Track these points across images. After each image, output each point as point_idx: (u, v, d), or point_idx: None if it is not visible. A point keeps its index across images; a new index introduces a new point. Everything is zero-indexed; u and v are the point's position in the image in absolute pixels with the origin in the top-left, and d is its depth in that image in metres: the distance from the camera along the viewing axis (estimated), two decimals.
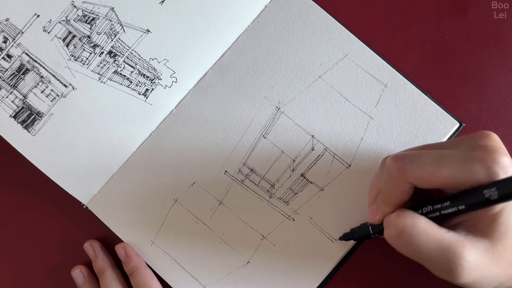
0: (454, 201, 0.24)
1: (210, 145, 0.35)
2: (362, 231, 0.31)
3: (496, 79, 0.34)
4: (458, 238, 0.24)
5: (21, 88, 0.36)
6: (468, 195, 0.23)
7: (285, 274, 0.34)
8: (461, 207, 0.23)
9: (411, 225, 0.24)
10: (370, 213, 0.29)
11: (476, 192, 0.23)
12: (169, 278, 0.35)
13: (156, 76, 0.36)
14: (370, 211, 0.29)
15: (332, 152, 0.34)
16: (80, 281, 0.36)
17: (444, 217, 0.25)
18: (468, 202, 0.23)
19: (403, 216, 0.24)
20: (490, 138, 0.24)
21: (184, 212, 0.35)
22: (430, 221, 0.24)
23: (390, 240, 0.25)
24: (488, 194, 0.22)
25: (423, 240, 0.24)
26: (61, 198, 0.36)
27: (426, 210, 0.25)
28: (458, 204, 0.24)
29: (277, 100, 0.35)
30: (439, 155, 0.23)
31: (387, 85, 0.34)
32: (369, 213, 0.29)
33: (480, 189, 0.22)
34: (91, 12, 0.36)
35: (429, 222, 0.24)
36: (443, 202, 0.24)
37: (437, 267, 0.24)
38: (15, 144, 0.35)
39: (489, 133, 0.24)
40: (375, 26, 0.35)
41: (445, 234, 0.24)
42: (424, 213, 0.25)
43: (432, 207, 0.25)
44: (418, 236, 0.24)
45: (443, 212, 0.24)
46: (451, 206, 0.24)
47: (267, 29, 0.35)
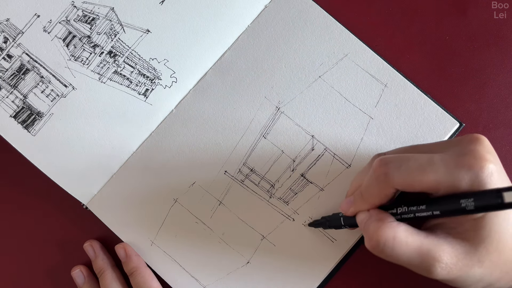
0: (430, 206, 0.24)
1: (210, 145, 0.35)
2: (333, 220, 0.31)
3: (496, 79, 0.34)
4: (437, 242, 0.24)
5: (21, 88, 0.36)
6: (445, 201, 0.23)
7: (285, 274, 0.34)
8: (436, 213, 0.24)
9: (392, 237, 0.24)
10: (345, 204, 0.29)
11: (453, 199, 0.23)
12: (169, 278, 0.35)
13: (156, 76, 0.36)
14: (346, 202, 0.29)
15: (332, 152, 0.34)
16: (80, 281, 0.36)
17: (421, 218, 0.25)
18: (444, 209, 0.23)
19: (383, 228, 0.24)
20: (480, 142, 0.24)
21: (184, 212, 0.35)
22: (409, 228, 0.24)
23: (372, 250, 0.25)
24: (464, 204, 0.22)
25: (403, 250, 0.24)
26: (61, 198, 0.36)
27: (401, 211, 0.25)
28: (433, 209, 0.24)
29: (277, 100, 0.35)
30: (427, 160, 0.23)
31: (387, 85, 0.34)
32: (344, 204, 0.29)
33: (457, 197, 0.22)
34: (91, 12, 0.36)
35: (408, 229, 0.24)
36: (419, 205, 0.24)
37: (417, 269, 0.25)
38: (15, 144, 0.35)
39: (478, 137, 0.24)
40: (375, 26, 0.35)
41: (424, 240, 0.24)
42: (399, 213, 0.25)
43: (407, 208, 0.25)
44: (399, 248, 0.24)
45: (417, 214, 0.24)
46: (426, 210, 0.24)
47: (267, 29, 0.35)
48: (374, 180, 0.25)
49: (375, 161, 0.26)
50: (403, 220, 0.25)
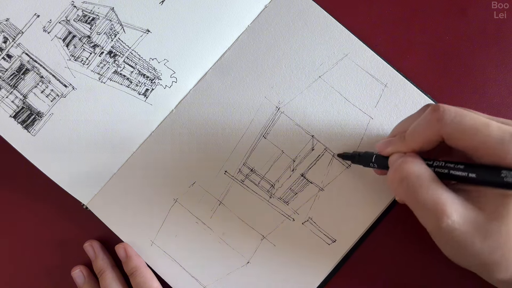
0: (469, 168, 0.23)
1: (210, 145, 0.35)
2: (364, 157, 0.31)
3: (496, 79, 0.34)
4: (453, 200, 0.24)
5: (21, 88, 0.36)
6: (485, 168, 0.23)
7: (285, 274, 0.34)
8: (471, 175, 0.23)
9: (416, 175, 0.24)
10: (383, 143, 0.28)
11: (495, 169, 0.22)
12: (169, 278, 0.35)
13: (156, 76, 0.36)
14: (384, 142, 0.28)
15: (332, 152, 0.34)
16: (80, 281, 0.36)
17: (453, 178, 0.24)
18: (481, 175, 0.23)
19: (411, 163, 0.24)
20: None
21: (184, 212, 0.35)
22: (434, 176, 0.24)
23: (391, 182, 0.25)
24: (504, 175, 0.22)
25: (422, 193, 0.24)
26: (61, 198, 0.36)
27: (436, 164, 0.25)
28: (471, 171, 0.23)
29: (277, 100, 0.35)
30: (484, 122, 0.23)
31: (387, 85, 0.34)
32: (382, 143, 0.29)
33: (499, 168, 0.22)
34: (91, 12, 0.36)
35: (433, 177, 0.24)
36: (457, 163, 0.24)
37: (424, 216, 0.24)
38: (15, 144, 0.35)
39: None
40: (375, 26, 0.35)
41: (444, 193, 0.24)
42: (434, 166, 0.25)
43: (444, 163, 0.25)
44: (419, 188, 0.24)
45: (452, 172, 0.24)
46: (463, 170, 0.24)
47: (267, 29, 0.35)
48: (425, 122, 0.25)
49: (432, 105, 0.25)
50: (435, 173, 0.25)
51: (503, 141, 0.22)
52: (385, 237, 0.34)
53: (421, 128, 0.26)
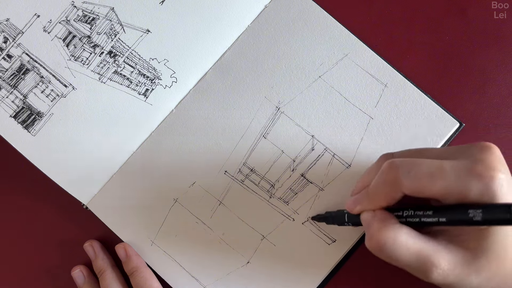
0: (437, 213, 0.24)
1: (210, 145, 0.35)
2: (337, 217, 0.31)
3: (496, 79, 0.34)
4: (436, 248, 0.24)
5: (21, 88, 0.36)
6: (452, 210, 0.23)
7: (285, 274, 0.34)
8: (442, 220, 0.23)
9: (393, 240, 0.24)
10: (351, 202, 0.29)
11: (461, 209, 0.23)
12: (169, 278, 0.35)
13: (156, 76, 0.36)
14: (352, 201, 0.29)
15: (332, 152, 0.34)
16: (80, 281, 0.36)
17: (425, 224, 0.25)
18: (451, 217, 0.23)
19: (385, 230, 0.25)
20: (491, 152, 0.23)
21: (184, 212, 0.35)
22: (411, 231, 0.25)
23: (371, 250, 0.25)
24: (472, 214, 0.22)
25: (403, 253, 0.24)
26: (61, 198, 0.36)
27: (406, 214, 0.25)
28: (440, 216, 0.24)
29: (277, 100, 0.35)
30: (437, 167, 0.23)
31: (387, 85, 0.34)
32: (350, 202, 0.29)
33: (465, 207, 0.22)
34: (91, 12, 0.36)
35: (410, 233, 0.24)
36: (426, 210, 0.24)
37: (415, 272, 0.25)
38: (15, 144, 0.35)
39: (490, 146, 0.24)
40: (375, 26, 0.35)
41: (424, 245, 0.24)
42: (404, 216, 0.25)
43: (413, 212, 0.25)
44: (399, 250, 0.24)
45: (423, 220, 0.24)
46: (433, 216, 0.24)
47: (267, 29, 0.35)
48: (383, 183, 0.25)
49: (385, 164, 0.25)
50: (407, 223, 0.25)
51: (460, 180, 0.22)
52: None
53: (380, 187, 0.26)
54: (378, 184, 0.26)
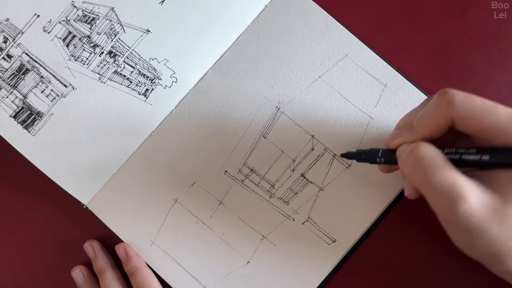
0: (481, 151, 0.23)
1: (210, 145, 0.35)
2: (370, 154, 0.30)
3: (496, 79, 0.34)
4: (469, 184, 0.23)
5: (21, 88, 0.36)
6: (498, 150, 0.23)
7: (285, 274, 0.34)
8: (484, 158, 0.23)
9: (431, 157, 0.24)
10: (390, 136, 0.28)
11: (507, 150, 0.22)
12: (169, 278, 0.35)
13: (156, 76, 0.36)
14: (391, 135, 0.28)
15: (332, 152, 0.34)
16: (80, 281, 0.36)
17: (466, 163, 0.24)
18: (495, 157, 0.23)
19: (424, 146, 0.24)
20: None
21: (184, 212, 0.35)
22: (448, 161, 0.24)
23: (405, 166, 0.25)
24: None
25: (437, 175, 0.23)
26: (61, 198, 0.36)
27: (447, 151, 0.25)
28: (484, 154, 0.23)
29: (277, 100, 0.35)
30: (492, 104, 0.23)
31: (387, 85, 0.34)
32: (389, 137, 0.28)
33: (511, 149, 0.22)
34: (91, 12, 0.36)
35: (447, 161, 0.24)
36: (469, 148, 0.24)
37: (439, 202, 0.24)
38: (15, 144, 0.35)
39: None
40: (375, 26, 0.35)
41: (459, 176, 0.23)
42: (445, 153, 0.25)
43: (455, 149, 0.25)
44: (434, 170, 0.23)
45: (464, 157, 0.24)
46: (476, 153, 0.23)
47: (267, 29, 0.35)
48: (434, 107, 0.25)
49: (441, 90, 0.25)
50: None
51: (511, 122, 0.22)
52: (385, 237, 0.34)
53: (430, 113, 0.25)
54: (428, 109, 0.25)
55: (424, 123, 0.26)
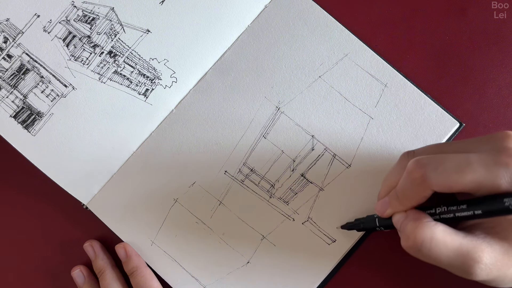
0: (472, 206, 0.24)
1: (210, 145, 0.35)
2: (367, 222, 0.31)
3: (496, 79, 0.34)
4: (476, 243, 0.24)
5: (21, 88, 0.36)
6: (487, 201, 0.23)
7: (285, 274, 0.34)
8: (477, 212, 0.23)
9: (430, 237, 0.24)
10: (380, 206, 0.28)
11: (496, 199, 0.22)
12: (169, 278, 0.35)
13: (156, 76, 0.36)
14: (381, 204, 0.28)
15: (332, 152, 0.34)
16: (80, 281, 0.36)
17: (460, 219, 0.24)
18: (486, 209, 0.23)
19: (420, 228, 0.24)
20: None
21: (184, 212, 0.35)
22: (447, 228, 0.24)
23: (408, 251, 0.25)
24: (508, 203, 0.22)
25: (442, 251, 0.24)
26: (61, 198, 0.36)
27: (440, 211, 0.25)
28: (475, 209, 0.23)
29: (277, 100, 0.35)
30: (464, 160, 0.23)
31: (387, 85, 0.34)
32: (379, 206, 0.29)
33: (500, 196, 0.22)
34: (91, 12, 0.36)
35: (446, 230, 0.24)
36: (459, 205, 0.24)
37: (457, 271, 0.24)
38: (15, 144, 0.35)
39: (510, 134, 0.24)
40: (375, 26, 0.35)
41: (463, 240, 0.24)
42: (437, 213, 0.25)
43: (447, 208, 0.25)
44: (437, 248, 0.24)
45: (457, 214, 0.24)
46: (468, 210, 0.24)
47: (267, 29, 0.35)
48: (410, 182, 0.25)
49: (410, 164, 0.25)
50: (441, 220, 0.25)
51: (489, 171, 0.22)
52: (385, 237, 0.34)
53: (409, 188, 0.25)
54: (406, 184, 0.26)
55: (407, 195, 0.26)
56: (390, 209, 0.27)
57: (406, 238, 0.25)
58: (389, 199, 0.28)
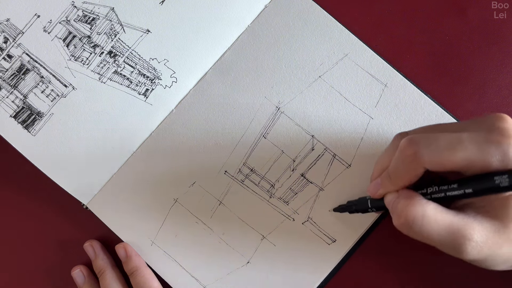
0: (462, 185, 0.24)
1: (210, 145, 0.35)
2: (360, 204, 0.31)
3: (496, 79, 0.34)
4: (466, 220, 0.24)
5: (22, 88, 0.36)
6: (477, 179, 0.23)
7: (285, 274, 0.34)
8: (468, 191, 0.23)
9: (421, 215, 0.24)
10: (373, 187, 0.28)
11: (486, 177, 0.22)
12: (169, 278, 0.35)
13: (156, 76, 0.36)
14: (373, 185, 0.28)
15: (332, 152, 0.34)
16: (80, 281, 0.36)
17: (451, 198, 0.24)
18: (477, 187, 0.23)
19: (412, 205, 0.24)
20: (505, 120, 0.23)
21: (184, 212, 0.35)
22: (438, 206, 0.24)
23: (400, 228, 0.25)
24: (498, 180, 0.22)
25: (433, 228, 0.24)
26: (61, 198, 0.36)
27: (431, 190, 0.25)
28: (466, 188, 0.23)
29: (277, 100, 0.35)
30: (456, 138, 0.23)
31: (387, 85, 0.34)
32: (371, 187, 0.29)
33: (490, 175, 0.22)
34: (91, 12, 0.36)
35: (437, 208, 0.24)
36: (450, 184, 0.24)
37: (447, 248, 0.24)
38: (15, 144, 0.35)
39: (502, 116, 0.24)
40: (375, 26, 0.35)
41: (454, 218, 0.24)
42: (429, 193, 0.25)
43: (438, 188, 0.25)
44: (428, 225, 0.24)
45: (448, 194, 0.24)
46: (458, 189, 0.24)
47: (267, 29, 0.35)
48: (403, 160, 0.25)
49: (403, 141, 0.25)
50: (433, 200, 0.25)
51: (480, 149, 0.23)
52: (385, 237, 0.34)
53: (401, 167, 0.25)
54: (398, 162, 0.26)
55: (400, 176, 0.26)
56: (382, 189, 0.28)
57: (397, 216, 0.25)
58: (381, 179, 0.28)
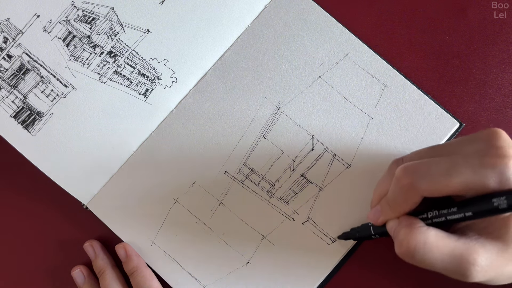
0: (462, 208, 0.24)
1: (210, 145, 0.35)
2: (363, 231, 0.31)
3: (496, 79, 0.34)
4: (469, 244, 0.24)
5: (21, 88, 0.36)
6: (476, 202, 0.23)
7: (285, 274, 0.34)
8: (468, 214, 0.23)
9: (423, 242, 0.24)
10: (373, 214, 0.29)
11: (485, 200, 0.23)
12: (169, 278, 0.35)
13: (156, 76, 0.36)
14: (373, 213, 0.29)
15: (332, 152, 0.34)
16: (80, 281, 0.36)
17: (452, 222, 0.25)
18: (476, 210, 0.23)
19: (413, 234, 0.24)
20: (499, 137, 0.23)
21: (184, 212, 0.35)
22: (439, 232, 0.24)
23: (402, 257, 0.25)
24: (497, 203, 0.22)
25: (435, 255, 0.24)
26: (61, 198, 0.36)
27: (431, 215, 0.25)
28: (465, 211, 0.23)
29: (277, 100, 0.35)
30: (451, 164, 0.23)
31: (387, 85, 0.34)
32: (371, 214, 0.29)
33: (488, 197, 0.22)
34: (91, 12, 0.36)
35: (439, 234, 0.24)
36: (450, 207, 0.24)
37: (453, 274, 0.24)
38: (15, 144, 0.35)
39: (497, 132, 0.24)
40: (375, 26, 0.35)
41: (456, 243, 0.24)
42: (429, 218, 0.25)
43: (438, 212, 0.25)
44: (430, 253, 0.24)
45: (449, 217, 0.24)
46: (458, 212, 0.24)
47: (267, 29, 0.35)
48: (400, 190, 0.25)
49: (398, 171, 0.25)
50: (434, 224, 0.25)
51: (476, 172, 0.22)
52: (385, 237, 0.34)
53: (399, 195, 0.26)
54: (395, 192, 0.26)
55: (398, 203, 0.26)
56: (383, 216, 0.28)
57: (399, 245, 0.25)
58: (381, 207, 0.28)
